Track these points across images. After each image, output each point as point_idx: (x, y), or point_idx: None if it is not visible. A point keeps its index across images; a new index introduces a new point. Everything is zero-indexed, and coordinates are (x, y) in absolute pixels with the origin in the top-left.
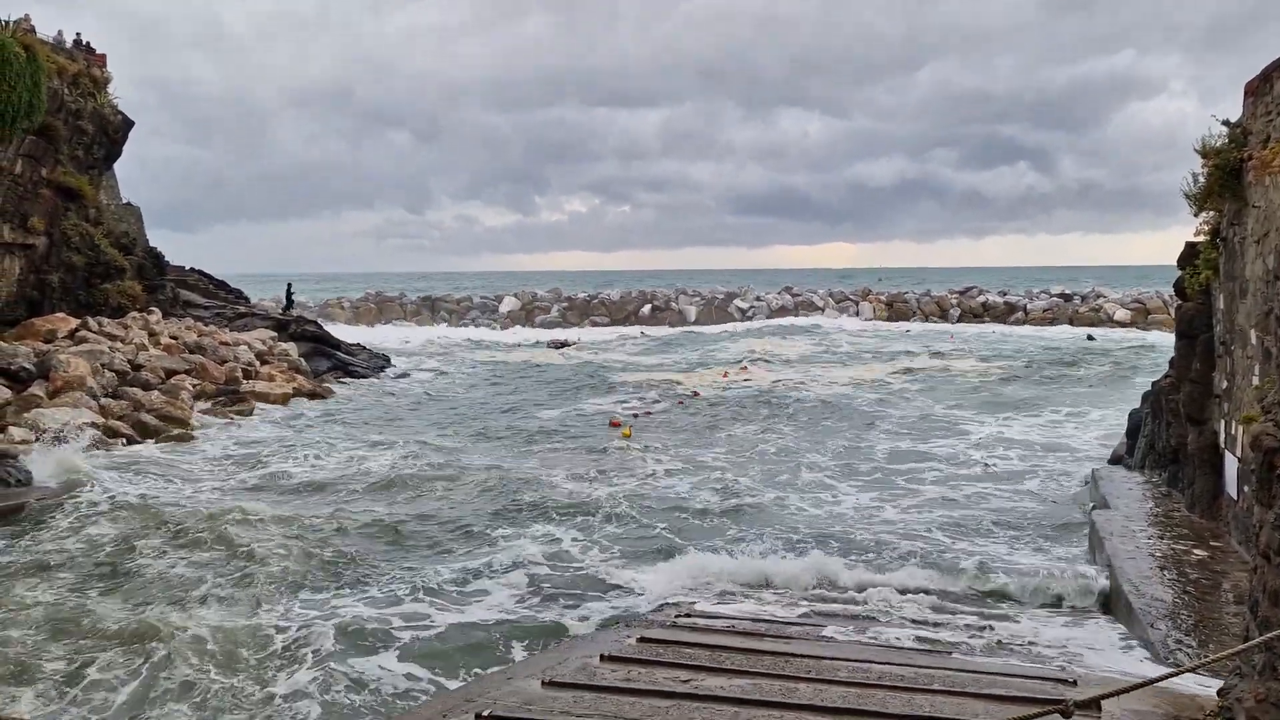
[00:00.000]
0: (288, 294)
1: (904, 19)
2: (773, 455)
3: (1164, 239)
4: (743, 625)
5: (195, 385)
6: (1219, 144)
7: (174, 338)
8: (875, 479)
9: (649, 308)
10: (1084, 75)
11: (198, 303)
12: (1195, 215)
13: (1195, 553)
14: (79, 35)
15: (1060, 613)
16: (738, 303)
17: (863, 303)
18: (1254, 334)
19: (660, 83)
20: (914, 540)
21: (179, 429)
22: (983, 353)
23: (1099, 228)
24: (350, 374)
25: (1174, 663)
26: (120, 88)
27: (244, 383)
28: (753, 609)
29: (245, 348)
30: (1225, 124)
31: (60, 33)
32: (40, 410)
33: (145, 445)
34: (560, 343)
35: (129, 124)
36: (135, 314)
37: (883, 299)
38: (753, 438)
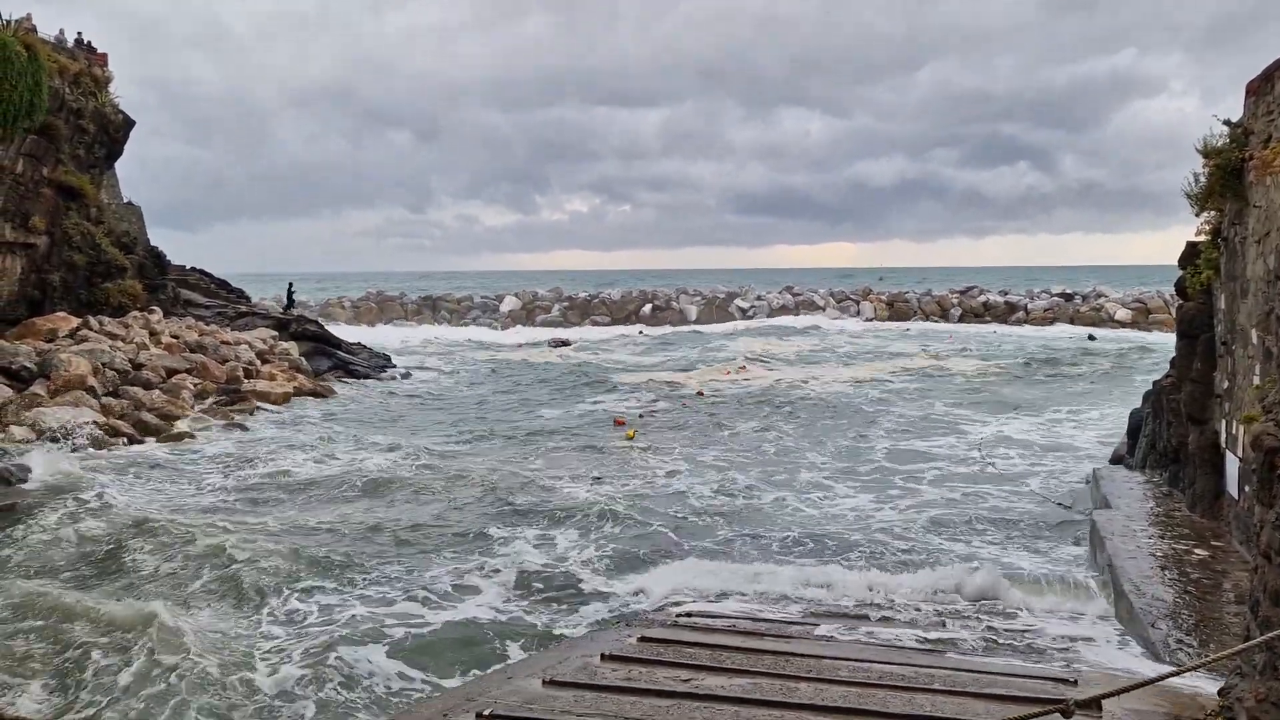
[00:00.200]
0: (288, 293)
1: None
2: (773, 455)
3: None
4: (743, 625)
5: (196, 384)
6: (1220, 144)
7: (175, 337)
8: (875, 479)
9: (650, 307)
10: (1085, 75)
11: (199, 302)
12: (1196, 215)
13: (1196, 552)
14: (80, 34)
15: (1061, 612)
16: (739, 302)
17: (863, 302)
18: (1255, 333)
19: (660, 82)
20: (914, 540)
21: (180, 428)
22: (983, 352)
23: (1100, 227)
24: (351, 373)
25: (1175, 662)
26: (121, 87)
27: (245, 382)
28: (753, 608)
29: (246, 347)
30: (1226, 124)
31: (61, 32)
32: (41, 409)
33: (146, 444)
34: (561, 341)
35: (130, 123)
36: (136, 313)
37: (883, 298)
38: (753, 437)
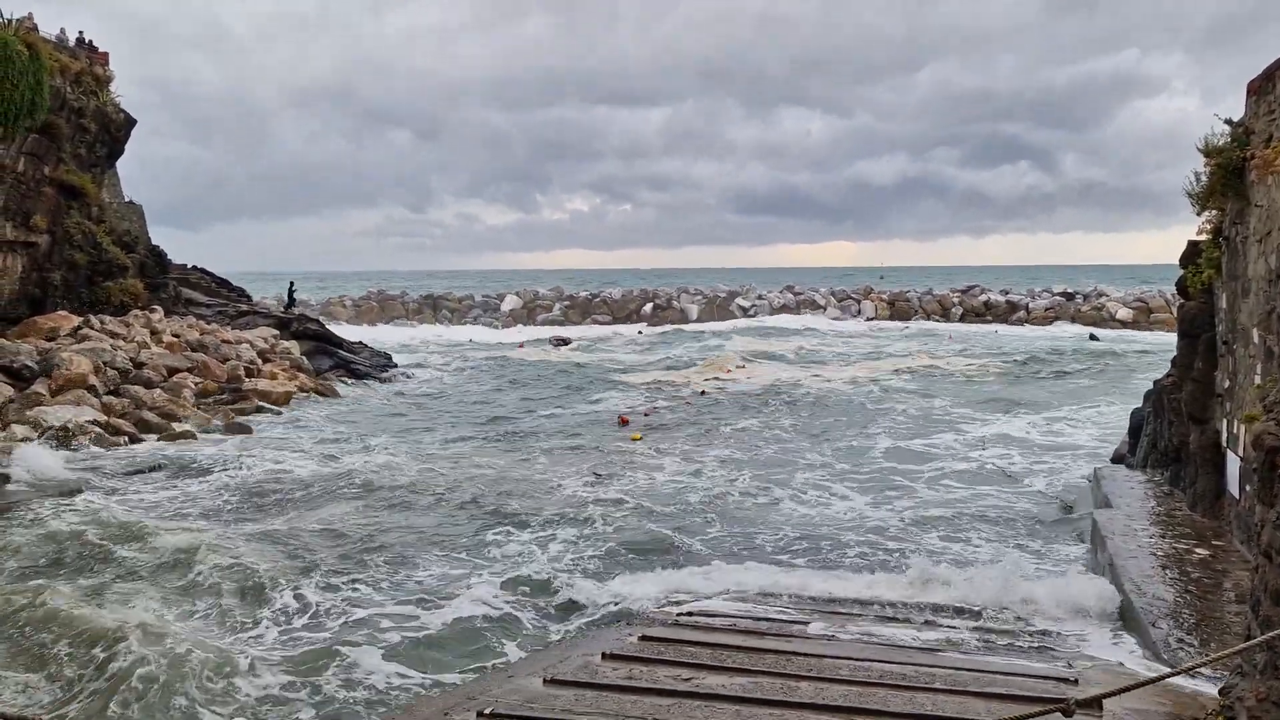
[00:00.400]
0: (290, 292)
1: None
2: (773, 455)
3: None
4: (744, 624)
5: (197, 383)
6: (1221, 143)
7: (176, 336)
8: (875, 479)
9: (651, 306)
10: (1086, 74)
11: (200, 301)
12: (1197, 214)
13: (1197, 552)
14: (81, 34)
15: (1062, 612)
16: (739, 301)
17: (864, 301)
18: (1256, 333)
19: (661, 82)
20: (914, 539)
21: (181, 427)
22: (984, 351)
23: (1101, 227)
24: (352, 373)
25: (1175, 661)
26: (121, 87)
27: (246, 381)
28: (754, 608)
29: (247, 346)
30: (1227, 123)
31: (63, 31)
32: (42, 408)
33: (147, 443)
34: (561, 340)
35: (131, 122)
36: (137, 312)
37: (884, 298)
38: (754, 437)
